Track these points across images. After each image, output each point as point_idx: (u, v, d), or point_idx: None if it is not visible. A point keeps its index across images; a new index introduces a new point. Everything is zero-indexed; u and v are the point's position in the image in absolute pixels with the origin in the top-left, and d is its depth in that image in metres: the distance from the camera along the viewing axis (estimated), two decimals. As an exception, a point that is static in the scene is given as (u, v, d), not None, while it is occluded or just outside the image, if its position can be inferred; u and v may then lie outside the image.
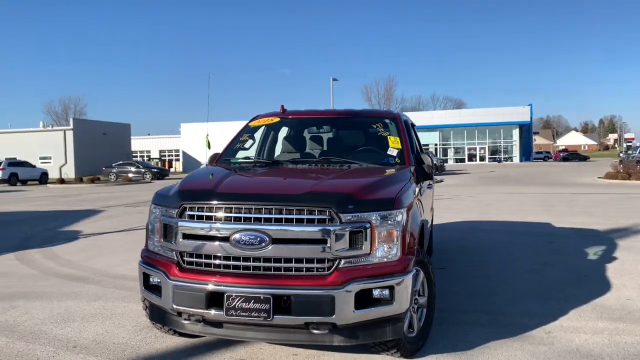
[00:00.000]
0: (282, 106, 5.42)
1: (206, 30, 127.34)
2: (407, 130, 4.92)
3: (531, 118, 71.12)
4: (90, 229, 11.30)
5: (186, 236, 3.50)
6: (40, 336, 4.37)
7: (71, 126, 52.34)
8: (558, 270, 6.61)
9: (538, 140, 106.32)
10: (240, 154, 5.03)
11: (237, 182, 3.77)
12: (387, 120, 5.07)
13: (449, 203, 15.70)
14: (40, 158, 49.77)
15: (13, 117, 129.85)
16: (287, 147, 5.48)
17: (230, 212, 3.40)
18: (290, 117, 5.41)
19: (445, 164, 43.52)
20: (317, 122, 5.46)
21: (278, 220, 3.32)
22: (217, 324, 3.47)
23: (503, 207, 14.32)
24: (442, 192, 20.08)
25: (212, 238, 3.42)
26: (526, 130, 72.53)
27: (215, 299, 3.35)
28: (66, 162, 50.71)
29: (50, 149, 51.40)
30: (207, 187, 3.62)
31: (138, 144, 70.61)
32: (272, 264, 3.33)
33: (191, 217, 3.50)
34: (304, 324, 3.30)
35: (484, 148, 70.50)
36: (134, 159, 57.40)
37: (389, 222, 3.43)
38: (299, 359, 3.85)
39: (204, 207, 3.48)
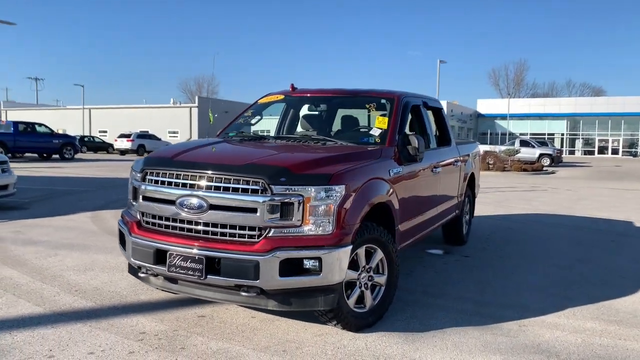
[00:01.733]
0: (292, 85, 5.62)
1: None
2: (401, 112, 4.88)
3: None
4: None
5: (145, 198, 3.89)
6: (56, 279, 5.04)
7: (196, 104, 56.24)
8: (592, 268, 6.16)
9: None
10: (246, 129, 5.32)
11: (194, 153, 4.05)
12: (383, 101, 5.07)
13: (538, 195, 14.85)
14: (169, 132, 54.23)
15: (150, 94, 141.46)
16: (303, 124, 5.69)
17: (178, 179, 3.72)
18: (292, 95, 5.59)
19: (563, 155, 40.55)
20: (314, 100, 5.59)
21: (217, 189, 3.58)
22: (173, 280, 3.83)
23: (595, 203, 13.27)
24: (541, 184, 18.98)
25: (163, 201, 3.77)
26: (671, 123, 65.00)
27: (161, 256, 3.70)
28: (191, 137, 54.64)
29: (178, 124, 55.73)
30: (167, 156, 3.97)
31: (266, 123, 73.89)
32: (209, 228, 3.61)
33: (150, 181, 3.88)
34: (234, 285, 3.55)
35: (618, 140, 64.37)
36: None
37: (324, 197, 3.53)
38: (255, 321, 4.11)
39: (159, 173, 3.83)
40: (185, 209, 3.62)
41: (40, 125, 28.27)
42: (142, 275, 3.94)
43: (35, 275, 5.17)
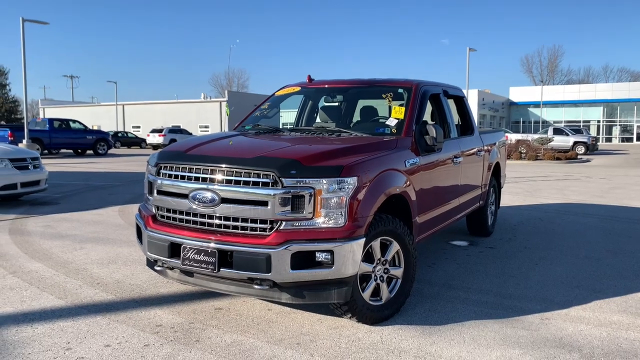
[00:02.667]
0: (309, 76, 5.57)
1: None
2: (419, 101, 4.79)
3: None
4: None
5: (159, 192, 3.92)
6: (80, 273, 5.14)
7: (226, 98, 56.69)
8: (623, 260, 5.96)
9: None
10: (263, 122, 5.31)
11: (208, 147, 4.05)
12: (400, 90, 4.98)
13: (570, 184, 14.48)
14: (200, 126, 54.86)
15: (182, 89, 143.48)
16: (322, 116, 5.65)
17: (191, 172, 3.73)
18: (309, 87, 5.55)
19: (599, 143, 39.43)
20: (331, 92, 5.54)
21: (228, 182, 3.57)
22: (189, 273, 3.85)
23: (630, 192, 12.86)
24: (575, 172, 18.50)
25: (177, 195, 3.79)
26: None
27: (175, 249, 3.73)
28: (221, 131, 55.25)
29: (208, 118, 56.32)
30: (180, 150, 3.98)
31: (286, 116, 74.18)
32: (221, 222, 3.61)
33: (164, 175, 3.90)
34: (247, 279, 3.54)
35: (659, 127, 62.20)
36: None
37: (336, 189, 3.49)
38: (271, 313, 4.11)
39: (173, 167, 3.85)
40: (198, 203, 3.63)
41: (74, 121, 28.93)
42: (158, 268, 3.98)
43: (59, 268, 5.28)
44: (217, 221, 3.62)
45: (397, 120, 4.60)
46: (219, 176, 3.60)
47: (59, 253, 5.94)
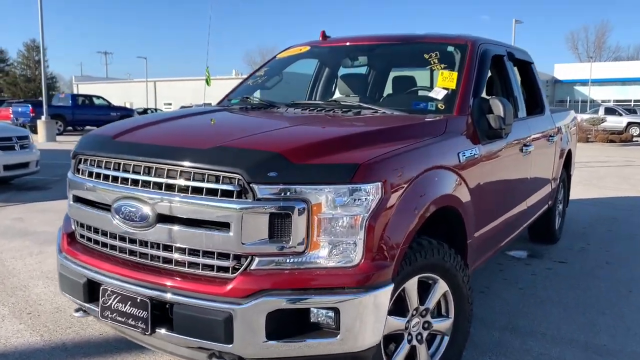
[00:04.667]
0: (323, 32, 4.11)
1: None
2: (477, 64, 3.29)
3: None
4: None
5: (76, 198, 2.56)
6: (17, 291, 3.90)
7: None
8: None
9: None
10: (262, 94, 3.89)
11: (149, 130, 2.66)
12: (450, 49, 3.47)
13: (635, 172, 12.62)
14: (231, 103, 53.82)
15: (215, 65, 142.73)
16: (342, 87, 4.21)
17: (117, 170, 2.35)
18: (324, 46, 4.07)
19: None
20: (353, 52, 4.02)
21: (169, 188, 2.18)
22: None
23: None
24: (636, 157, 16.50)
25: (97, 205, 2.42)
26: None
27: (94, 291, 2.38)
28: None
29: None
30: (108, 134, 2.59)
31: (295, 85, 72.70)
32: (158, 252, 2.23)
33: (83, 172, 2.54)
34: (198, 348, 2.17)
35: None
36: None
37: (347, 202, 2.07)
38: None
39: (94, 161, 2.48)
40: (124, 220, 2.26)
41: (98, 98, 28.08)
42: (77, 314, 2.62)
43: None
44: (152, 251, 2.25)
45: (445, 92, 3.11)
46: (153, 178, 2.22)
47: (7, 258, 4.72)
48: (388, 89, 3.90)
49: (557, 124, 4.94)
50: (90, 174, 2.46)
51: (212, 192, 2.09)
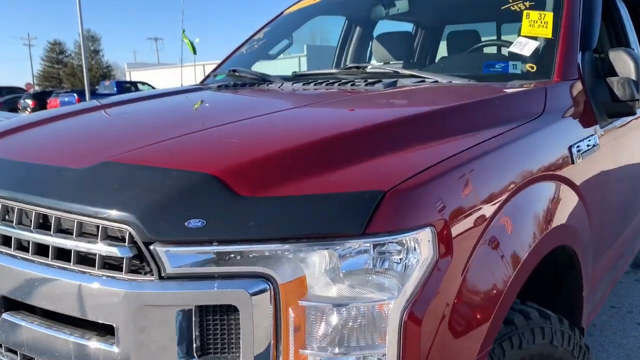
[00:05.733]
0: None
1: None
2: (582, 1, 2.07)
3: None
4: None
5: None
6: None
7: (305, 52, 54.31)
8: None
9: None
10: (261, 66, 2.81)
11: (30, 135, 1.61)
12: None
13: None
14: (279, 83, 53.31)
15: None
16: (378, 52, 3.07)
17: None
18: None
19: None
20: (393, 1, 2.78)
21: (20, 246, 1.14)
22: None
23: None
24: None
25: None
26: None
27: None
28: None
29: (289, 73, 54.45)
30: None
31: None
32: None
33: None
34: None
35: None
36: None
37: (360, 277, 0.97)
38: None
39: None
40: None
41: (143, 84, 27.88)
42: None
43: None
44: None
45: (536, 44, 1.92)
46: (-2, 226, 1.18)
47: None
48: (443, 50, 2.71)
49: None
50: None
51: (85, 261, 1.04)
